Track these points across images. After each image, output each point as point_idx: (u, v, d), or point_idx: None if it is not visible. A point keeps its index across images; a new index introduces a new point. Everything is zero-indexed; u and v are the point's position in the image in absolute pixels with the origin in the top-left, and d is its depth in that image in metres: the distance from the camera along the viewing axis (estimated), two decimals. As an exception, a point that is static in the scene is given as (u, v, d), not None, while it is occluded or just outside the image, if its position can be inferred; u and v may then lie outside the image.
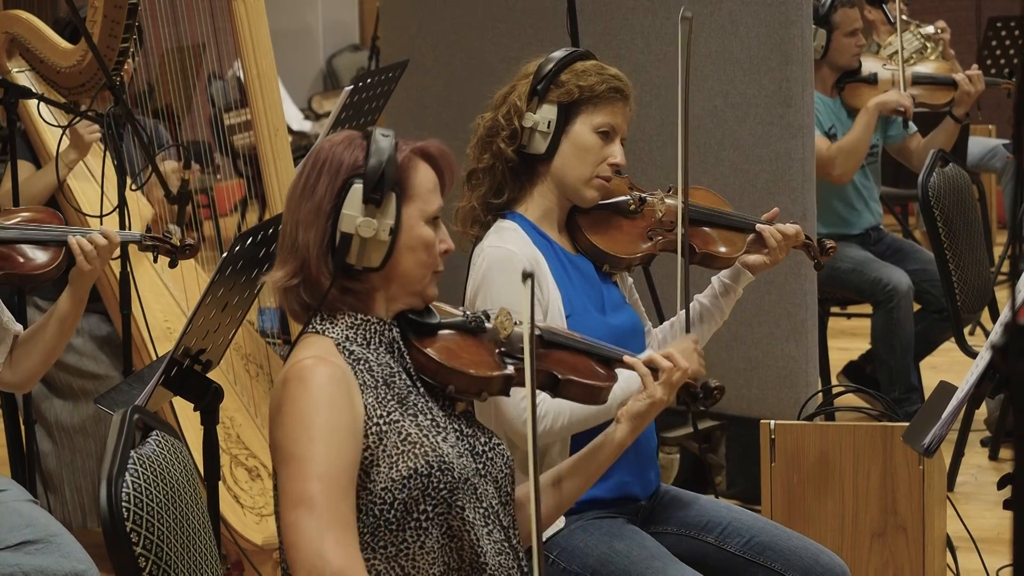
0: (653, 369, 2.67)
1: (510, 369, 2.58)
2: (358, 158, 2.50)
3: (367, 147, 2.51)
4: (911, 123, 5.76)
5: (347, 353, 2.48)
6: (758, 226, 3.38)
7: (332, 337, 2.50)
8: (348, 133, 2.56)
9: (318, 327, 2.52)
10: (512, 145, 3.16)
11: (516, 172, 3.18)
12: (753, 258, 3.36)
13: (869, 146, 5.54)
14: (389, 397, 2.47)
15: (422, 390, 2.53)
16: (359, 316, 2.53)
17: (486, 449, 2.56)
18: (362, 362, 2.48)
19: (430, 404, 2.52)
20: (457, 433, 2.53)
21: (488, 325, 2.61)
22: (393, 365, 2.52)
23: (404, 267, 2.52)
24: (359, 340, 2.51)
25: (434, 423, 2.49)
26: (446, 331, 2.59)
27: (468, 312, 2.64)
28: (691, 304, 3.36)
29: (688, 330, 3.21)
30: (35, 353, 3.46)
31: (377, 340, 2.52)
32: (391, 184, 2.49)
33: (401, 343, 2.55)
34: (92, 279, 3.50)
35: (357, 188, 2.48)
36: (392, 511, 2.43)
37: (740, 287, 3.37)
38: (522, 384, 2.54)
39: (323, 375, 2.42)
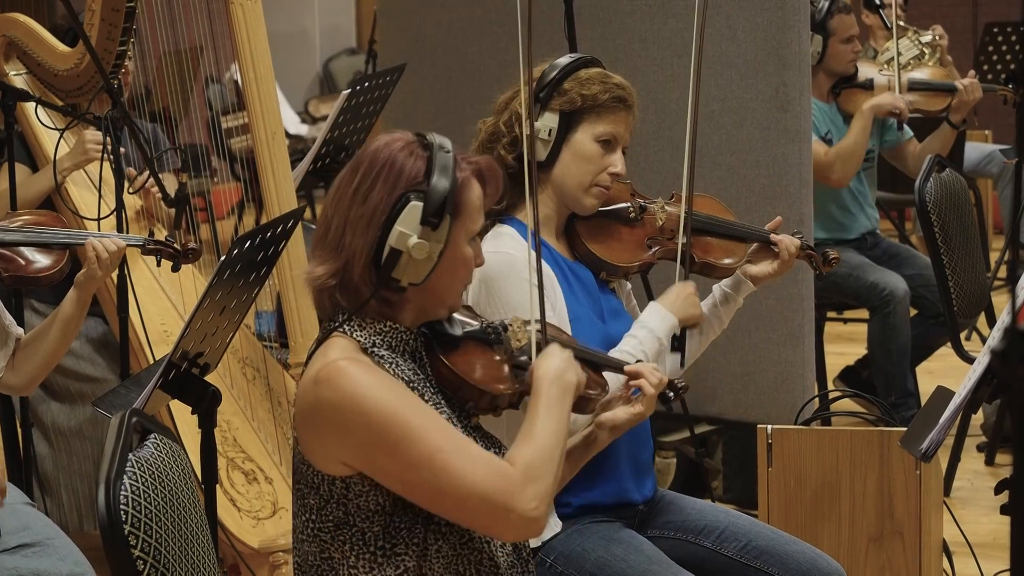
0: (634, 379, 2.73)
1: (524, 383, 2.57)
2: (419, 170, 2.45)
3: (428, 159, 2.46)
4: (906, 127, 5.77)
5: (376, 357, 2.46)
6: (772, 236, 3.37)
7: (359, 340, 2.47)
8: (405, 137, 2.50)
9: (345, 328, 2.49)
10: (512, 152, 3.14)
11: (516, 178, 3.17)
12: (757, 268, 3.35)
13: (866, 149, 5.55)
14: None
15: (442, 401, 2.52)
16: (388, 324, 2.50)
17: None
18: (393, 365, 2.47)
19: (451, 417, 2.51)
20: None
21: (504, 336, 2.61)
22: (419, 372, 2.51)
23: (442, 284, 2.50)
24: (385, 346, 2.49)
25: None
26: (468, 343, 2.58)
27: (484, 320, 2.64)
28: None
29: (684, 343, 3.19)
30: (38, 356, 3.48)
31: (402, 348, 2.51)
32: (450, 207, 2.45)
33: (423, 353, 2.54)
34: (99, 284, 3.51)
35: (416, 207, 2.43)
36: (417, 518, 2.43)
37: (741, 297, 3.37)
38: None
39: (360, 366, 2.41)
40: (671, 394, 2.77)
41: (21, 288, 4.10)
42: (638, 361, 2.86)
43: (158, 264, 3.84)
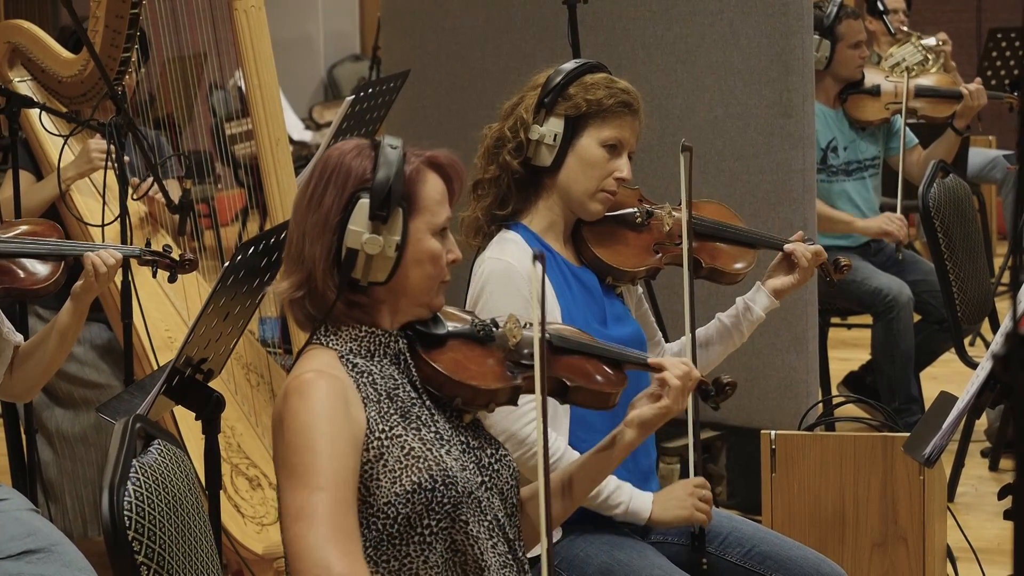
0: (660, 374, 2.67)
1: (518, 379, 2.56)
2: (366, 169, 2.46)
3: (375, 158, 2.47)
4: (911, 133, 5.77)
5: (350, 365, 2.46)
6: (787, 246, 3.36)
7: (336, 349, 2.48)
8: (357, 141, 2.52)
9: (322, 339, 2.50)
10: (518, 157, 3.14)
11: (521, 184, 3.17)
12: (779, 281, 3.34)
13: (838, 232, 5.53)
14: (392, 411, 2.45)
15: (427, 402, 2.51)
16: (363, 328, 2.51)
17: (492, 461, 2.54)
18: (365, 375, 2.46)
19: (435, 416, 2.50)
20: (463, 445, 2.51)
21: (496, 333, 2.59)
22: (397, 377, 2.50)
23: (410, 281, 2.50)
24: (363, 352, 2.49)
25: (438, 436, 2.47)
26: (454, 341, 2.56)
27: (476, 319, 2.62)
28: (712, 322, 3.36)
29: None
30: (36, 365, 3.47)
31: (382, 352, 2.51)
32: (398, 199, 2.45)
33: (407, 355, 2.53)
34: (96, 295, 3.51)
35: (364, 203, 2.44)
36: (395, 525, 2.41)
37: (761, 311, 3.34)
38: (531, 391, 2.52)
39: (323, 388, 2.40)
40: (711, 390, 2.73)
41: (19, 299, 4.10)
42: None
43: (154, 275, 3.84)
